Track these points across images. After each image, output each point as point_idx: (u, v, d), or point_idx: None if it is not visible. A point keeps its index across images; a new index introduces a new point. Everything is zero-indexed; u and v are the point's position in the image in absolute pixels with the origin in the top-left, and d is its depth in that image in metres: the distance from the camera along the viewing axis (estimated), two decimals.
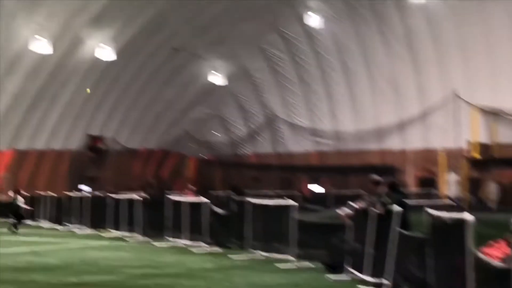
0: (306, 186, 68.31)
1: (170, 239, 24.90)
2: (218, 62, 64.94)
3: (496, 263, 8.70)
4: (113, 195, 31.99)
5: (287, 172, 69.16)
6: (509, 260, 9.38)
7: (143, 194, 35.60)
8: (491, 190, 58.74)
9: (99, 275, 16.21)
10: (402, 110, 63.20)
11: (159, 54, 59.87)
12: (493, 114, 59.37)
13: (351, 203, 16.25)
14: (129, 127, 65.84)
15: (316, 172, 67.88)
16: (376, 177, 16.01)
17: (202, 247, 22.76)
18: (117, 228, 29.46)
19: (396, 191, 14.84)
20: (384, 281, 13.61)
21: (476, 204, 55.04)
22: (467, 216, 9.08)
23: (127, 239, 27.06)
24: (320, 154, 69.05)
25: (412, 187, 62.28)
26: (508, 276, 6.75)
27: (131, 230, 28.22)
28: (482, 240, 12.64)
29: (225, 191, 62.29)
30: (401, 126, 63.63)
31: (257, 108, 71.62)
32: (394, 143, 64.45)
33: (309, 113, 68.65)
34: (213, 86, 67.26)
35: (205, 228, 23.21)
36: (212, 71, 65.43)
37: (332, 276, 15.61)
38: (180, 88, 65.86)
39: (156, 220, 26.79)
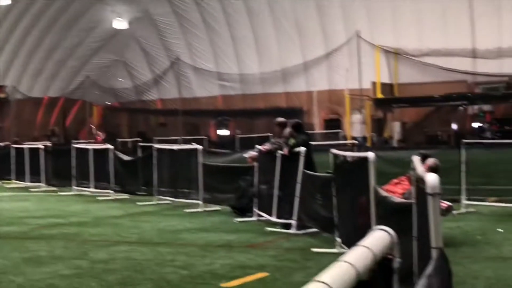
0: (213, 130, 68.44)
1: (76, 188, 24.53)
2: (120, 6, 63.67)
3: (397, 199, 8.89)
4: (16, 145, 31.20)
5: (194, 116, 69.04)
6: (408, 194, 9.61)
7: (48, 143, 34.87)
8: (394, 129, 60.25)
9: (2, 226, 15.84)
10: (307, 52, 63.67)
11: None
12: (394, 54, 60.56)
13: (258, 146, 16.30)
14: (30, 75, 64.15)
15: (223, 116, 67.98)
16: (280, 119, 16.07)
17: (109, 194, 22.52)
18: (20, 179, 28.80)
19: (301, 132, 14.93)
20: (291, 222, 13.78)
21: (380, 143, 56.44)
22: (369, 155, 9.21)
23: (31, 189, 26.53)
24: (226, 98, 69.08)
25: (318, 128, 63.22)
26: (408, 210, 6.89)
27: (35, 180, 27.64)
28: (386, 177, 12.93)
29: (132, 138, 61.99)
30: (306, 68, 64.19)
31: (161, 53, 70.86)
32: (299, 85, 65.01)
33: (214, 57, 68.35)
34: (115, 31, 66.06)
35: (111, 176, 22.93)
36: (114, 16, 64.13)
37: (240, 219, 15.72)
38: (82, 34, 64.42)
39: (61, 169, 26.30)
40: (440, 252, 4.43)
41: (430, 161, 11.48)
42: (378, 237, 2.37)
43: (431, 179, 4.69)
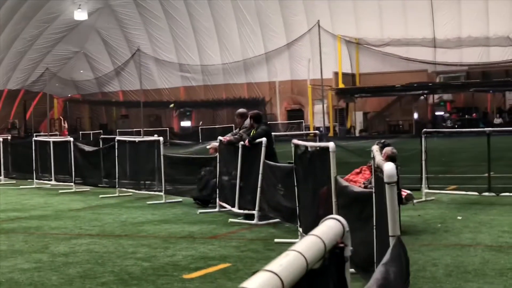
0: (176, 121, 68.24)
1: (37, 181, 24.30)
2: None
3: (357, 188, 8.95)
4: None
5: (156, 108, 68.79)
6: (369, 183, 9.69)
7: (7, 136, 34.48)
8: (357, 118, 60.62)
9: None
10: (268, 43, 63.69)
11: None
12: (355, 44, 60.87)
13: (220, 137, 16.28)
14: None
15: (185, 107, 67.85)
16: (241, 110, 16.09)
17: (70, 187, 22.35)
18: None
19: (261, 123, 14.95)
20: (254, 212, 13.79)
21: (343, 133, 56.76)
22: (330, 145, 9.25)
23: None
24: (188, 89, 68.90)
25: (281, 118, 63.37)
26: (368, 199, 6.95)
27: None
28: (348, 167, 13.01)
29: (94, 130, 61.60)
30: (268, 59, 64.23)
31: (122, 44, 70.37)
32: (261, 76, 65.06)
33: (175, 48, 68.07)
34: (76, 22, 65.41)
35: (73, 168, 22.73)
36: (75, 7, 63.49)
37: (202, 210, 15.71)
38: (42, 25, 63.68)
39: (21, 162, 26.07)
40: (397, 240, 4.47)
41: (387, 149, 11.54)
42: (329, 226, 2.39)
43: (388, 168, 4.73)
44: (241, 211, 14.40)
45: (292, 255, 1.91)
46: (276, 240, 11.63)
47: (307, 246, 1.99)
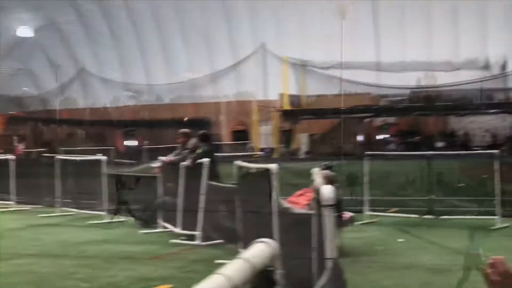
0: (120, 140, 67.68)
1: None
2: (24, 14, 62.32)
3: (298, 210, 9.00)
4: None
5: (101, 127, 68.17)
6: (310, 207, 9.74)
7: None
8: (302, 140, 60.95)
9: None
10: (215, 63, 63.82)
11: None
12: (301, 66, 61.36)
13: (162, 157, 16.23)
14: None
15: (130, 126, 67.40)
16: (185, 130, 16.07)
17: (9, 206, 21.94)
18: None
19: (206, 143, 14.94)
20: (196, 233, 13.73)
21: (288, 154, 56.96)
22: (272, 166, 9.29)
23: None
24: (134, 108, 68.51)
25: (226, 139, 63.35)
26: (309, 221, 6.99)
27: None
28: (292, 188, 13.06)
29: (37, 148, 60.66)
30: (214, 79, 64.33)
31: (67, 62, 69.66)
32: (207, 96, 65.06)
33: (121, 67, 67.70)
34: (20, 39, 64.62)
35: (12, 187, 22.36)
36: (19, 24, 62.71)
37: (145, 230, 15.58)
38: None
39: None
40: (334, 262, 4.51)
41: (325, 172, 11.59)
42: (258, 249, 2.40)
43: (326, 191, 4.77)
44: (184, 231, 14.33)
45: (218, 279, 1.91)
46: (217, 261, 11.59)
47: (234, 269, 2.00)
